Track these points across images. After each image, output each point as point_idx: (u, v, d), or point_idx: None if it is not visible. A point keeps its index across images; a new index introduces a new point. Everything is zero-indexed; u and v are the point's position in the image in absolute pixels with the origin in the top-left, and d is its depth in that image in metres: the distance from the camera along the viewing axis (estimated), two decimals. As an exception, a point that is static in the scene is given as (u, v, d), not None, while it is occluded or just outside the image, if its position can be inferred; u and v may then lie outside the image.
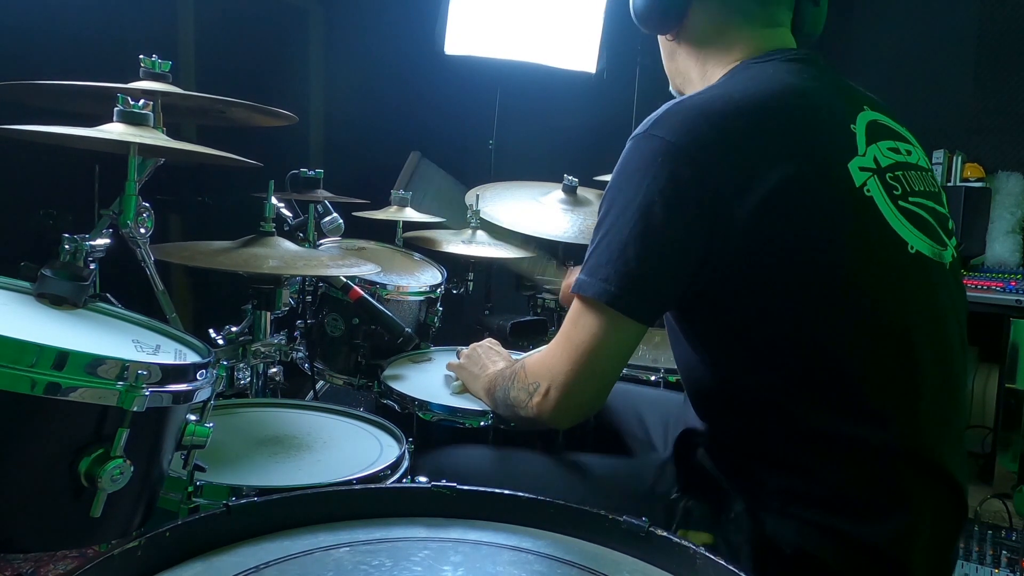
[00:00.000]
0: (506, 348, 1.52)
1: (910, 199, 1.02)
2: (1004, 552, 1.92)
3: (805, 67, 1.08)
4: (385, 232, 2.20)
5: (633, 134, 1.03)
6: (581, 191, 2.23)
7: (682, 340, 1.10)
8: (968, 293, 3.11)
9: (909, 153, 1.08)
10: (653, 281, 0.99)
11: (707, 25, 1.14)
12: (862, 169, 0.99)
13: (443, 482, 0.81)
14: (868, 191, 0.98)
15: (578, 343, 1.04)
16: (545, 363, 1.09)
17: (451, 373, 1.55)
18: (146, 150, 1.25)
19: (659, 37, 1.24)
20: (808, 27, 1.20)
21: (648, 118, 1.02)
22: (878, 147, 1.03)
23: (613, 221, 1.00)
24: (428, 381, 1.57)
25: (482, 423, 1.38)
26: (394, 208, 2.15)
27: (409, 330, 1.70)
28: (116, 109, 1.16)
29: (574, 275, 1.72)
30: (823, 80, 1.08)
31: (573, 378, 1.05)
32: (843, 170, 0.98)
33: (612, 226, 1.00)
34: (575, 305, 1.05)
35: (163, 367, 0.86)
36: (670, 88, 1.29)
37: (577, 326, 1.04)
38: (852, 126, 1.03)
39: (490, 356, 1.45)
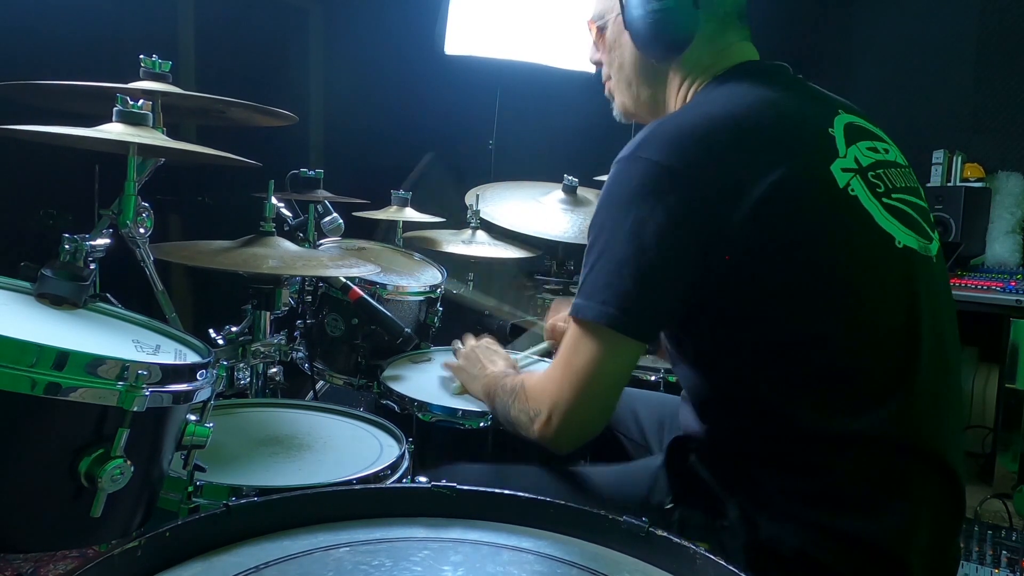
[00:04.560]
0: (506, 349, 1.52)
1: (893, 195, 1.04)
2: (1004, 552, 1.92)
3: (775, 77, 1.10)
4: (385, 232, 2.20)
5: (618, 157, 1.03)
6: (581, 191, 2.23)
7: (679, 348, 1.10)
8: (968, 293, 3.11)
9: (887, 152, 1.09)
10: (651, 300, 1.00)
11: (705, 50, 1.14)
12: (844, 170, 1.00)
13: (443, 482, 0.81)
14: (852, 191, 1.00)
15: (578, 368, 1.04)
16: (546, 389, 1.10)
17: (449, 374, 1.55)
18: (146, 150, 1.25)
19: (634, 59, 1.19)
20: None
21: (632, 141, 1.03)
22: (857, 147, 1.04)
23: (605, 244, 1.01)
24: (428, 381, 1.57)
25: (481, 424, 1.38)
26: (394, 208, 2.15)
27: (408, 330, 1.70)
28: (115, 109, 1.16)
29: (560, 310, 1.72)
30: (795, 88, 1.10)
31: (574, 404, 1.05)
32: (826, 172, 0.99)
33: (605, 249, 1.00)
34: (573, 330, 1.05)
35: (163, 367, 0.86)
36: (616, 111, 1.27)
37: (576, 351, 1.04)
38: (830, 129, 1.04)
39: (488, 356, 1.45)
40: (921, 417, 0.98)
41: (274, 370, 1.64)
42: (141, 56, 1.39)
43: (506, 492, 0.80)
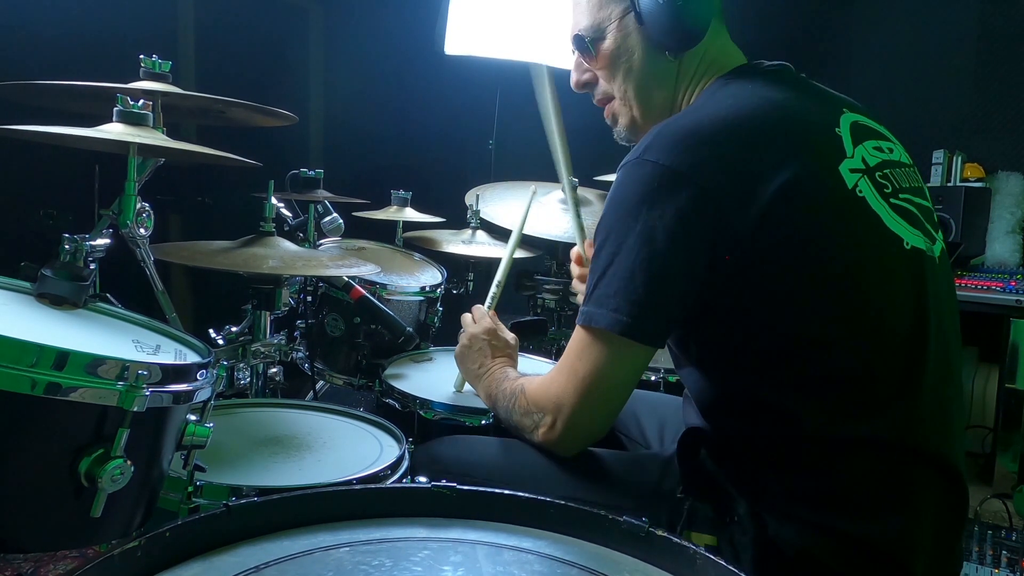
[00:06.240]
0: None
1: (900, 196, 1.04)
2: (1004, 552, 1.92)
3: (780, 78, 1.10)
4: (385, 232, 2.20)
5: (624, 161, 1.02)
6: (581, 191, 2.23)
7: (684, 350, 1.10)
8: (968, 293, 3.10)
9: (891, 151, 1.09)
10: (663, 305, 1.00)
11: (712, 45, 1.14)
12: (852, 171, 1.00)
13: (443, 482, 0.81)
14: (860, 191, 0.99)
15: (584, 375, 1.04)
16: (550, 395, 1.09)
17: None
18: (146, 150, 1.25)
19: (648, 58, 1.15)
20: None
21: (638, 145, 1.02)
22: (864, 147, 1.04)
23: (615, 250, 1.00)
24: (429, 380, 1.58)
25: (483, 422, 1.38)
26: (394, 208, 2.15)
27: (410, 329, 1.71)
28: (116, 109, 1.16)
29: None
30: (800, 88, 1.09)
31: (579, 410, 1.05)
32: (835, 173, 0.99)
33: (615, 255, 1.00)
34: (581, 336, 1.05)
35: (163, 367, 0.86)
36: (621, 134, 1.22)
37: (583, 358, 1.04)
38: (837, 129, 1.04)
39: (486, 352, 1.38)
40: (927, 421, 0.98)
41: (274, 370, 1.65)
42: (141, 56, 1.39)
43: (506, 492, 0.80)
